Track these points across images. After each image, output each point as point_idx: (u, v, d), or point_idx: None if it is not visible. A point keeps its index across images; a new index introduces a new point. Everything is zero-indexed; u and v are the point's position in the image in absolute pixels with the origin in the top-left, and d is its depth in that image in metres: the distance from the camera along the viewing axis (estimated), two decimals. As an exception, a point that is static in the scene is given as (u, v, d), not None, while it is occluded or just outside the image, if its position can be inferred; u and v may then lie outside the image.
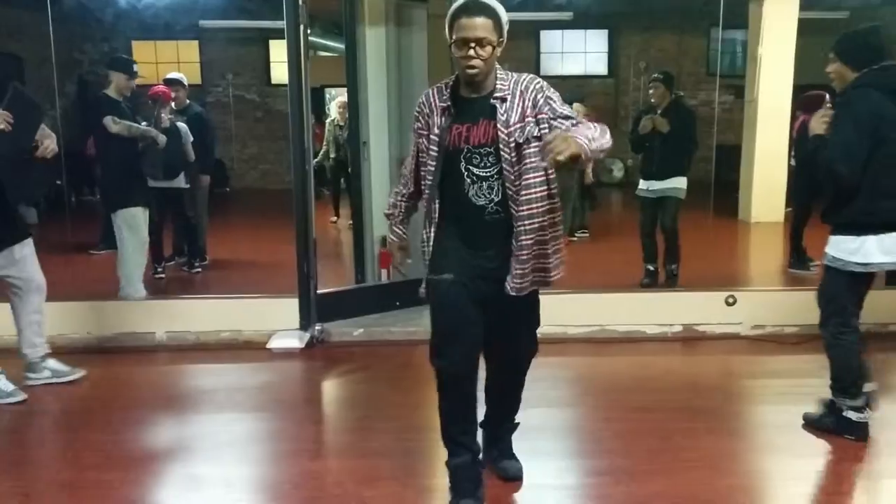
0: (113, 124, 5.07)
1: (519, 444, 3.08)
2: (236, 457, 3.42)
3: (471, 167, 2.59)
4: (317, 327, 4.81)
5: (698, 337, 4.91)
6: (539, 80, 2.61)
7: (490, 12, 2.52)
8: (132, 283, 5.16)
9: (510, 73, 2.62)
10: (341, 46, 5.45)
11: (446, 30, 2.56)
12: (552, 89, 2.60)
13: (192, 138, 6.12)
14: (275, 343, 4.73)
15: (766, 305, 5.01)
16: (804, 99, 6.41)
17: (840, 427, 3.38)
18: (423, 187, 2.73)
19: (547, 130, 2.52)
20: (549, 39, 12.49)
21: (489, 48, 2.49)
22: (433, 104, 2.64)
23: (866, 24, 3.37)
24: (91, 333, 4.86)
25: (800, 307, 3.85)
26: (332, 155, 8.45)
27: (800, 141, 6.35)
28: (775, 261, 7.03)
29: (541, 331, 2.90)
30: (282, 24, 4.62)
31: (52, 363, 4.17)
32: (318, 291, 4.85)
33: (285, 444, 3.45)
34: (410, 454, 3.20)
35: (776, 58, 8.58)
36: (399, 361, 4.34)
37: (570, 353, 4.68)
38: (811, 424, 3.49)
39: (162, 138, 5.45)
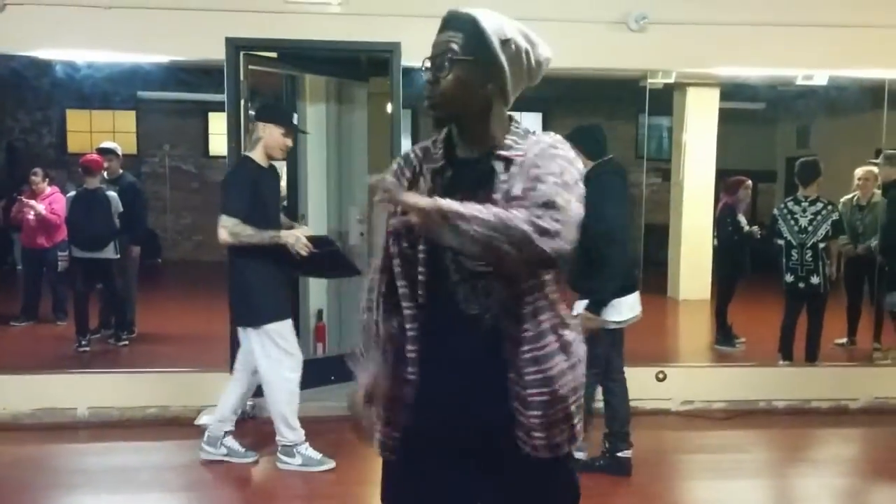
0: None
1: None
2: (159, 539, 3.27)
3: (461, 258, 1.66)
4: (248, 402, 4.70)
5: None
6: (563, 144, 1.68)
7: (460, 23, 1.66)
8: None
9: (532, 132, 1.73)
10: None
11: None
12: (575, 167, 1.65)
13: (121, 209, 6.03)
14: (204, 419, 4.57)
15: (695, 381, 5.11)
16: (728, 182, 6.83)
17: (613, 468, 3.81)
18: (374, 299, 1.80)
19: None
20: (485, 120, 12.88)
21: (458, 72, 1.64)
22: (416, 167, 1.77)
23: (592, 123, 4.05)
24: (7, 409, 4.63)
25: (727, 383, 3.98)
26: None
27: (721, 222, 6.73)
28: (703, 337, 7.23)
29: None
30: (221, 97, 4.67)
31: (230, 441, 4.14)
32: (251, 365, 4.75)
33: (212, 526, 3.33)
34: (343, 534, 3.13)
35: (699, 143, 9.06)
36: (333, 438, 4.25)
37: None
38: (582, 470, 3.66)
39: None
